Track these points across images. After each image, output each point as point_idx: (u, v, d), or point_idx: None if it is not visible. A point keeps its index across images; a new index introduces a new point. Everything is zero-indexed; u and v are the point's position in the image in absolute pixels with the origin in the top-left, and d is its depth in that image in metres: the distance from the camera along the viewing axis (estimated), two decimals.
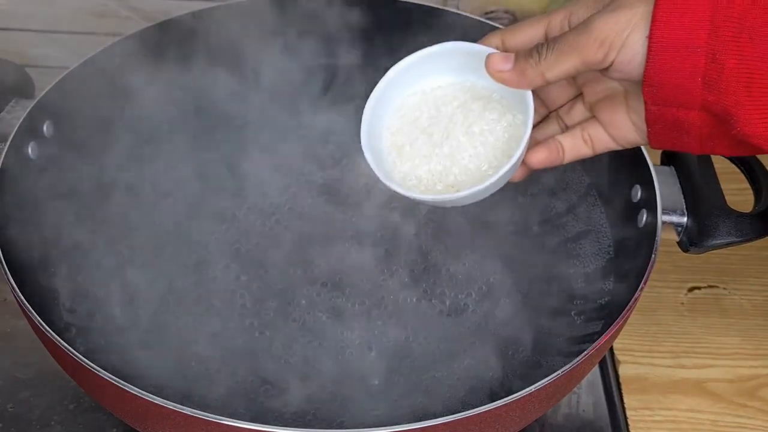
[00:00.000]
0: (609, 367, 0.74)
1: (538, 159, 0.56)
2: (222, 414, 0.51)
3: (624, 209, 0.69)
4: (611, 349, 0.75)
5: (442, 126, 0.57)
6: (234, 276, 0.71)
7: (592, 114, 0.57)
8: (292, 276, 0.71)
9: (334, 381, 0.65)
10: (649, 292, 0.77)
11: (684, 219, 0.65)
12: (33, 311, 0.56)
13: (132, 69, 0.75)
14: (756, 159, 0.68)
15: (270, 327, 0.67)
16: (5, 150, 0.65)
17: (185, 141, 0.78)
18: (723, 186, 0.66)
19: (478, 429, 0.54)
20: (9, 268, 0.59)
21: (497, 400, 0.52)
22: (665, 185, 0.66)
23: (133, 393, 0.52)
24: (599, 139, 0.57)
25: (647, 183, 0.66)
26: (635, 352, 0.75)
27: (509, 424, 0.57)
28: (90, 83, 0.72)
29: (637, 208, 0.67)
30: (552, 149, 0.56)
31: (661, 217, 0.64)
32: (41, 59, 0.93)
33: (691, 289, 0.80)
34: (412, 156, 0.57)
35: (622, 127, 0.55)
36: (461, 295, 0.70)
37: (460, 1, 1.01)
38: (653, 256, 0.61)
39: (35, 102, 0.69)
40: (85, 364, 0.54)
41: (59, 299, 0.67)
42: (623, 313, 0.58)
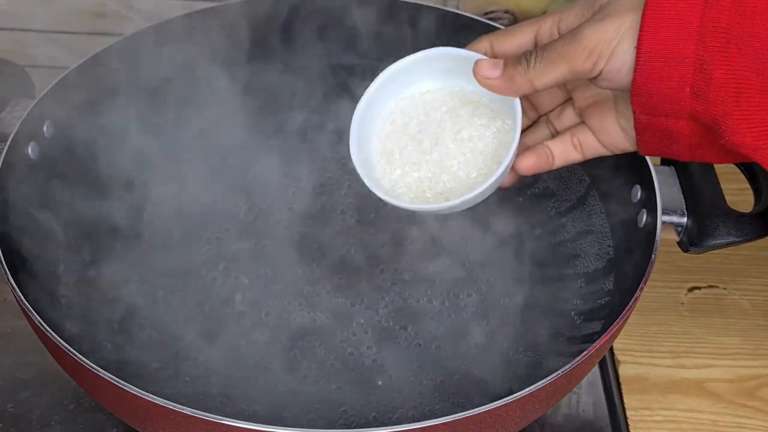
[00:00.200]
0: (609, 367, 0.74)
1: (527, 165, 0.56)
2: (222, 414, 0.51)
3: (624, 209, 0.69)
4: (611, 349, 0.75)
5: (431, 132, 0.57)
6: (234, 276, 0.71)
7: (581, 119, 0.57)
8: (291, 276, 0.71)
9: (334, 381, 0.65)
10: (649, 292, 0.77)
11: (684, 219, 0.65)
12: (33, 311, 0.56)
13: (132, 69, 0.75)
14: None
15: (270, 327, 0.68)
16: (5, 150, 0.65)
17: (186, 140, 0.79)
18: (723, 186, 0.66)
19: (478, 429, 0.54)
20: (9, 268, 0.59)
21: (497, 400, 0.53)
22: (665, 185, 0.66)
23: (133, 393, 0.52)
24: (589, 145, 0.57)
25: (647, 183, 0.66)
26: (635, 352, 0.75)
27: (509, 424, 0.57)
28: (90, 83, 0.72)
29: (637, 208, 0.67)
30: (541, 155, 0.56)
31: (661, 217, 0.64)
32: (41, 59, 0.93)
33: (691, 289, 0.80)
34: (401, 163, 0.57)
35: (611, 133, 0.55)
36: (461, 295, 0.70)
37: (460, 1, 1.01)
38: (653, 256, 0.61)
39: (35, 102, 0.69)
40: (85, 364, 0.54)
41: (59, 299, 0.67)
42: (623, 313, 0.58)
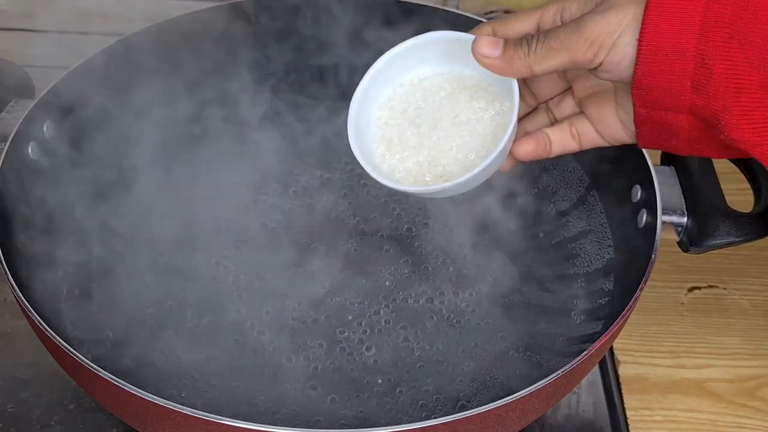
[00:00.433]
0: (609, 367, 0.74)
1: (525, 151, 0.56)
2: (222, 414, 0.51)
3: (624, 209, 0.69)
4: (611, 349, 0.75)
5: (429, 117, 0.57)
6: (233, 276, 0.71)
7: (581, 109, 0.57)
8: (291, 276, 0.71)
9: (334, 381, 0.65)
10: (649, 292, 0.77)
11: (684, 219, 0.65)
12: (33, 311, 0.56)
13: (132, 69, 0.75)
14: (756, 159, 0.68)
15: (270, 327, 0.67)
16: (5, 150, 0.65)
17: (186, 139, 0.79)
18: (723, 186, 0.66)
19: (478, 429, 0.54)
20: (9, 268, 0.59)
21: (497, 400, 0.53)
22: (665, 185, 0.66)
23: (133, 393, 0.52)
24: (586, 135, 0.57)
25: (647, 183, 0.66)
26: (635, 352, 0.75)
27: (509, 424, 0.57)
28: (90, 83, 0.72)
29: (637, 208, 0.67)
30: (540, 142, 0.56)
31: (661, 217, 0.64)
32: (41, 59, 0.93)
33: (691, 289, 0.80)
34: (400, 148, 0.57)
35: (610, 125, 0.56)
36: (461, 295, 0.70)
37: (460, 1, 1.01)
38: (653, 256, 0.61)
39: (35, 102, 0.69)
40: (85, 364, 0.54)
41: (59, 299, 0.67)
42: (623, 313, 0.58)
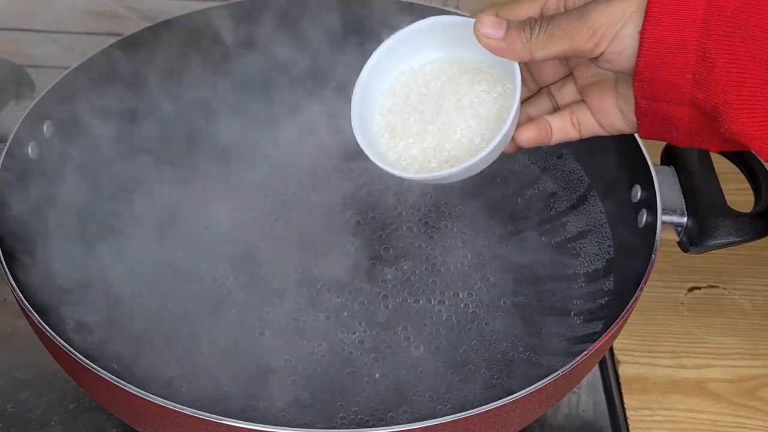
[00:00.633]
0: (609, 367, 0.74)
1: (527, 137, 0.56)
2: (222, 414, 0.51)
3: (624, 209, 0.69)
4: (611, 349, 0.75)
5: (432, 102, 0.57)
6: (233, 276, 0.71)
7: (581, 97, 0.57)
8: (291, 276, 0.71)
9: (333, 381, 0.65)
10: (649, 292, 0.77)
11: (684, 219, 0.65)
12: (33, 311, 0.56)
13: (132, 69, 0.75)
14: (756, 159, 0.68)
15: (270, 327, 0.67)
16: (5, 150, 0.65)
17: (185, 139, 0.79)
18: (723, 186, 0.66)
19: (478, 429, 0.54)
20: (9, 268, 0.59)
21: (497, 400, 0.52)
22: (665, 185, 0.66)
23: (133, 393, 0.52)
24: (587, 124, 0.57)
25: (647, 183, 0.66)
26: (635, 352, 0.75)
27: (509, 424, 0.57)
28: (90, 83, 0.72)
29: (637, 208, 0.67)
30: (542, 128, 0.56)
31: (661, 217, 0.64)
32: (41, 59, 0.93)
33: (691, 289, 0.80)
34: (405, 135, 0.57)
35: (609, 114, 0.56)
36: (461, 295, 0.70)
37: (460, 1, 1.01)
38: (653, 256, 0.61)
39: (35, 102, 0.69)
40: (85, 364, 0.54)
41: (59, 299, 0.67)
42: (623, 313, 0.58)
